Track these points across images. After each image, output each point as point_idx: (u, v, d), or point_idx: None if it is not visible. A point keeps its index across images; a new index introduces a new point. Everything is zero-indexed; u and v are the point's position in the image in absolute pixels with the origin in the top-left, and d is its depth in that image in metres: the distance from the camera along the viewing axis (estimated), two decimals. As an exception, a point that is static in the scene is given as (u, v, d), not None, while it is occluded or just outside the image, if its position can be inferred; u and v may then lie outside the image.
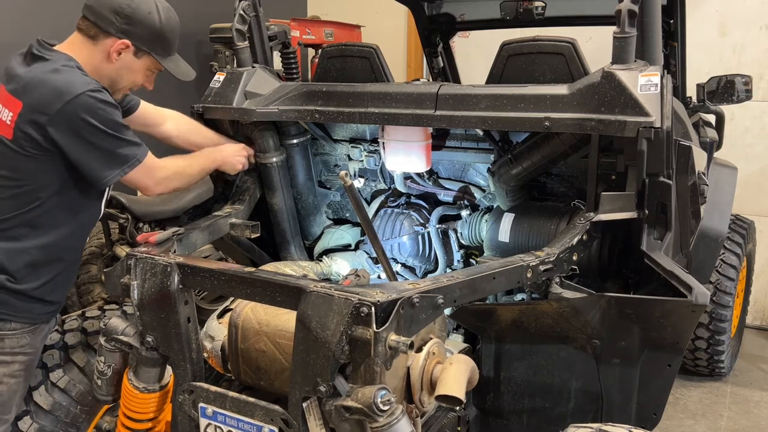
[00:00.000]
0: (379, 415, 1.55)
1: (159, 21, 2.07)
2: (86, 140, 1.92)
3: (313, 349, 1.60)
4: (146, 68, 2.15)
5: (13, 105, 1.92)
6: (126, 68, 2.09)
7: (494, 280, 1.85)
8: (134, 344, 1.93)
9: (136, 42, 2.05)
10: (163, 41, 2.11)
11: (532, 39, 2.33)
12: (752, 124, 4.77)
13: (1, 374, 1.98)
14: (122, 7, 2.02)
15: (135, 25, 2.03)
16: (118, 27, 2.02)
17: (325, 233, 3.01)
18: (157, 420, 2.04)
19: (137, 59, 2.09)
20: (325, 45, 3.81)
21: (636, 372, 2.11)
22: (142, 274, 1.90)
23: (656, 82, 1.99)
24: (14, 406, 2.06)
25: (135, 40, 2.05)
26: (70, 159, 1.95)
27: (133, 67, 2.10)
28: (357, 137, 2.86)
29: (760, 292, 4.88)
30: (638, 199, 2.06)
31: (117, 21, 2.01)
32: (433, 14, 4.14)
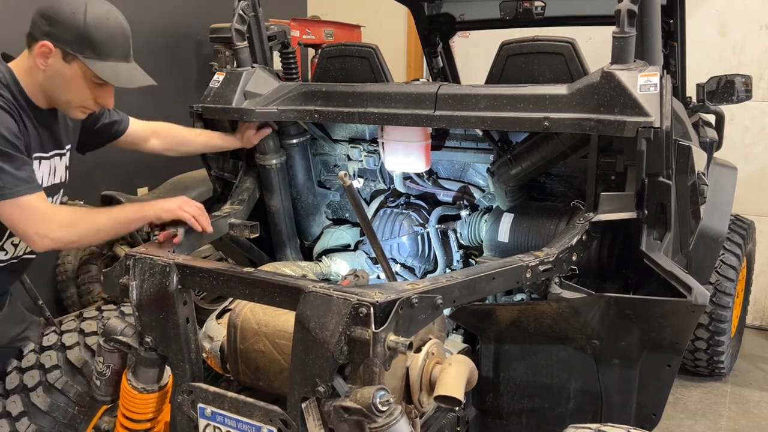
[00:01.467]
0: (378, 416, 1.54)
1: (83, 20, 1.93)
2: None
3: (312, 349, 1.60)
4: (82, 76, 1.99)
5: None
6: (58, 75, 1.97)
7: (493, 281, 1.85)
8: (133, 344, 1.93)
9: (59, 44, 1.93)
10: (91, 42, 1.94)
11: (532, 39, 2.33)
12: (752, 124, 4.77)
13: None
14: (45, 9, 1.94)
15: (56, 25, 1.93)
16: (42, 30, 1.94)
17: (325, 233, 3.01)
18: (156, 420, 2.04)
19: (67, 64, 1.96)
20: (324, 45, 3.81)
21: (635, 372, 2.10)
22: (140, 274, 1.90)
23: (656, 82, 1.99)
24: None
25: (58, 42, 1.93)
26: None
27: (65, 73, 1.97)
28: (356, 137, 2.86)
29: (760, 292, 4.88)
30: (638, 199, 2.06)
31: (41, 23, 1.94)
32: (432, 14, 4.14)
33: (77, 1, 1.95)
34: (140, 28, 4.74)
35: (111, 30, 2.00)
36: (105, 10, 2.01)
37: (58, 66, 1.97)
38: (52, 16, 1.93)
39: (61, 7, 1.94)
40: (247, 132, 2.66)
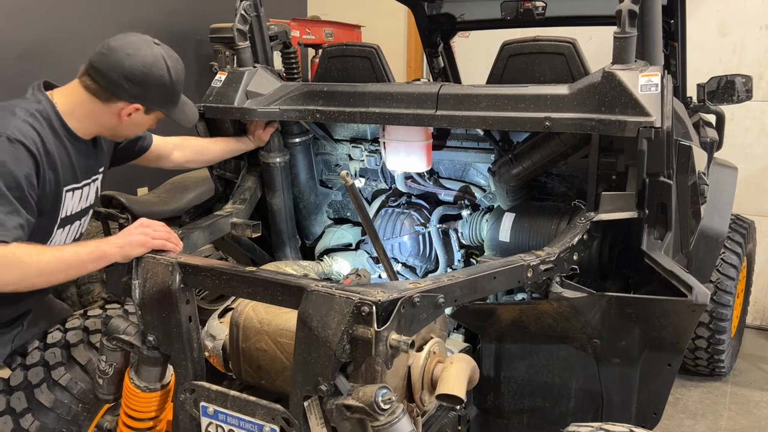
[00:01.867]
0: (380, 414, 1.55)
1: (170, 80, 2.04)
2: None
3: (314, 348, 1.60)
4: (154, 119, 2.17)
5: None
6: (135, 124, 2.11)
7: (495, 280, 1.85)
8: (136, 343, 1.94)
9: (148, 104, 2.06)
10: (174, 96, 2.10)
11: (533, 39, 2.33)
12: (752, 124, 4.78)
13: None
14: (134, 74, 1.96)
15: (147, 89, 2.00)
16: (131, 93, 1.99)
17: (326, 233, 3.02)
18: (158, 419, 2.04)
19: (147, 116, 2.11)
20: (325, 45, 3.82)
21: (636, 372, 2.11)
22: (143, 273, 1.90)
23: (656, 82, 1.99)
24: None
25: (147, 103, 2.05)
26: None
27: (143, 122, 2.13)
28: (358, 137, 2.87)
29: (760, 292, 4.88)
30: (638, 198, 2.06)
31: (129, 87, 1.98)
32: (433, 14, 4.14)
33: (156, 59, 1.99)
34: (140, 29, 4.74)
35: (182, 77, 2.11)
36: (175, 58, 2.08)
37: (138, 118, 2.08)
38: (142, 82, 1.97)
39: (149, 70, 1.97)
40: (257, 131, 2.68)
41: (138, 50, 1.99)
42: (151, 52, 2.00)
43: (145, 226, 1.96)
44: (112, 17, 4.38)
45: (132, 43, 2.00)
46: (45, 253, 1.84)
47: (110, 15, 4.37)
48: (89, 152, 2.18)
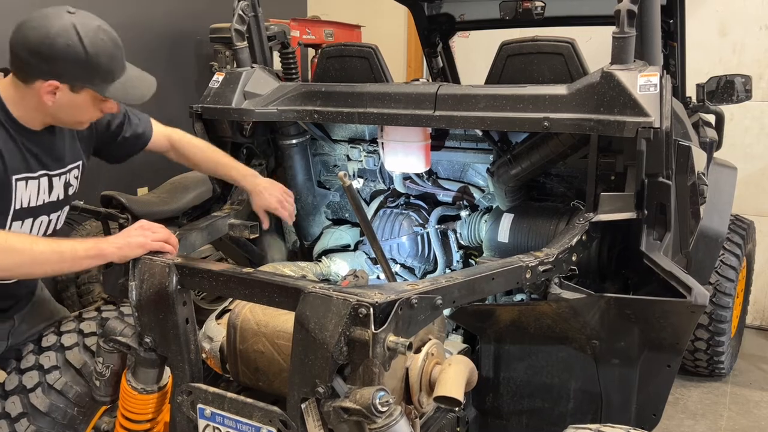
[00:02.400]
0: (378, 416, 1.54)
1: (84, 50, 1.80)
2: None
3: (311, 350, 1.59)
4: (92, 99, 1.90)
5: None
6: (67, 105, 1.88)
7: (493, 281, 1.85)
8: (132, 345, 1.93)
9: (65, 79, 1.82)
10: (98, 69, 1.84)
11: (532, 39, 2.33)
12: (752, 124, 4.77)
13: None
14: (38, 48, 1.77)
15: (57, 62, 1.78)
16: (40, 68, 1.79)
17: (324, 233, 3.01)
18: (155, 421, 2.04)
19: (76, 94, 1.86)
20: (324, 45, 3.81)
21: (635, 372, 2.10)
22: (140, 274, 1.90)
23: (655, 83, 1.99)
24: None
25: (64, 78, 1.81)
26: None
27: (76, 102, 1.88)
28: (356, 137, 2.86)
29: (760, 292, 4.88)
30: (637, 199, 2.06)
31: (37, 63, 1.78)
32: (432, 14, 4.14)
33: (63, 29, 1.78)
34: (140, 29, 4.75)
35: (109, 49, 1.88)
36: (95, 27, 1.85)
37: (66, 98, 1.86)
38: (47, 55, 1.77)
39: (52, 41, 1.77)
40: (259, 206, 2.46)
41: (43, 21, 1.79)
42: (58, 22, 1.79)
43: (145, 229, 1.93)
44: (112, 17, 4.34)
45: (39, 15, 1.82)
46: (38, 242, 1.81)
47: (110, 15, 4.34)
48: (45, 142, 2.01)
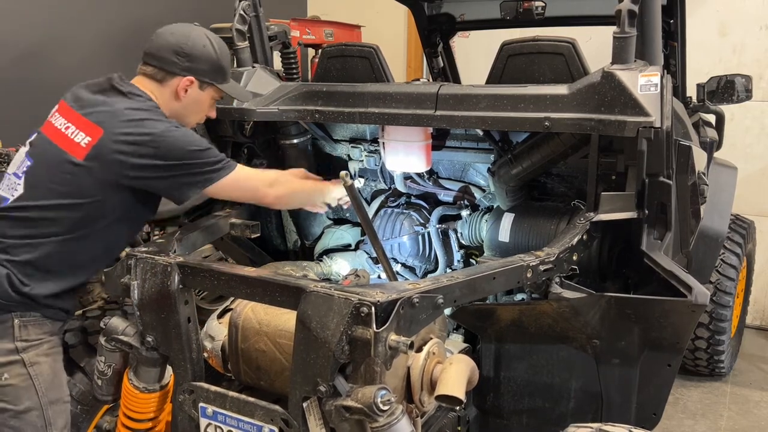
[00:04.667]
0: (379, 415, 1.55)
1: (215, 51, 2.20)
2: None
3: (313, 349, 1.60)
4: (210, 98, 2.27)
5: (93, 131, 2.00)
6: (193, 102, 2.22)
7: (494, 280, 1.85)
8: (134, 344, 1.94)
9: (199, 76, 2.17)
10: (222, 69, 2.23)
11: (532, 39, 2.33)
12: (752, 124, 4.77)
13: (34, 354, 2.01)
14: (181, 47, 2.14)
15: (195, 60, 2.16)
16: (181, 65, 2.14)
17: (326, 233, 3.01)
18: (157, 420, 2.04)
19: (202, 91, 2.22)
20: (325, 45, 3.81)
21: (636, 372, 2.11)
22: (142, 274, 1.90)
23: (656, 82, 1.99)
24: (64, 386, 2.10)
25: (198, 75, 2.17)
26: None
27: (200, 99, 2.23)
28: (357, 137, 2.86)
29: (760, 292, 4.88)
30: (638, 199, 2.06)
31: (179, 60, 2.14)
32: (433, 14, 4.14)
33: (199, 35, 2.19)
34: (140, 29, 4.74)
35: (228, 55, 2.28)
36: (217, 36, 2.26)
37: (194, 94, 2.20)
38: (189, 53, 2.14)
39: (194, 43, 2.16)
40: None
41: (181, 29, 2.19)
42: (192, 29, 2.21)
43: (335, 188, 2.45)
44: (112, 17, 4.37)
45: (174, 26, 2.21)
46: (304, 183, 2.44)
47: (110, 15, 4.37)
48: None
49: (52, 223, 2.00)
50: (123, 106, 2.04)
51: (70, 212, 2.00)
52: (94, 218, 2.03)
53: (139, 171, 2.00)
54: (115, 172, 1.99)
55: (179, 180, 2.05)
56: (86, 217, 2.01)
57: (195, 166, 2.05)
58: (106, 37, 4.38)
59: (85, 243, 2.04)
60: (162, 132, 2.02)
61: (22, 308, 1.98)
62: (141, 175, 2.01)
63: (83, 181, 1.99)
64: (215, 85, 2.23)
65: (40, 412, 2.00)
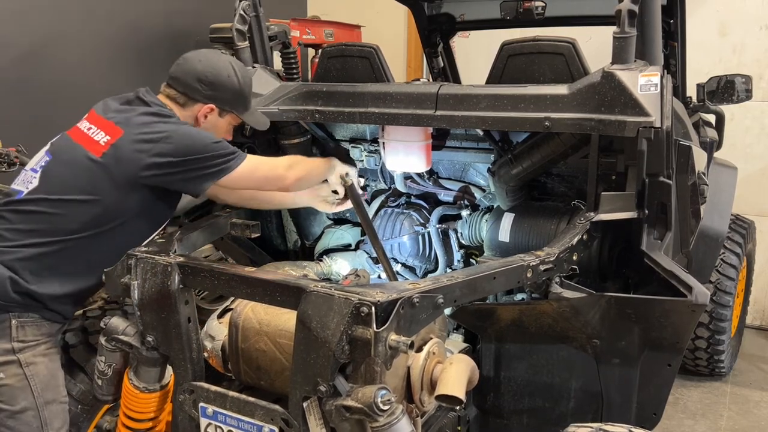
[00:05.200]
0: (380, 415, 1.55)
1: (238, 82, 2.25)
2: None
3: (313, 348, 1.60)
4: (228, 123, 2.34)
5: (113, 131, 2.06)
6: (212, 127, 2.27)
7: (494, 280, 1.85)
8: (135, 344, 1.94)
9: (220, 104, 2.25)
10: (244, 99, 2.30)
11: (532, 39, 2.33)
12: (752, 124, 4.77)
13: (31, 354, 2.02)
14: (206, 75, 2.20)
15: (218, 89, 2.22)
16: (204, 93, 2.21)
17: (326, 233, 3.01)
18: (157, 420, 2.04)
19: (221, 118, 2.29)
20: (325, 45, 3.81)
21: (636, 372, 2.11)
22: (142, 273, 1.90)
23: (656, 82, 1.99)
24: (61, 386, 2.11)
25: (219, 103, 2.24)
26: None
27: (218, 125, 2.30)
28: (357, 137, 2.86)
29: (760, 292, 4.88)
30: (638, 199, 2.06)
31: (202, 88, 2.20)
32: (433, 14, 4.14)
33: (224, 64, 2.25)
34: (140, 29, 4.76)
35: (251, 84, 2.35)
36: (242, 66, 2.34)
37: (213, 120, 2.28)
38: (213, 82, 2.21)
39: (218, 72, 2.22)
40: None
41: (208, 57, 2.25)
42: (219, 58, 2.27)
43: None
44: (112, 17, 4.37)
45: (203, 53, 2.27)
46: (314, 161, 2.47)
47: (110, 15, 4.37)
48: None
49: (64, 219, 2.00)
50: (144, 110, 2.12)
51: (84, 209, 2.01)
52: (108, 218, 2.04)
53: (156, 169, 2.03)
54: (131, 171, 2.02)
55: (196, 173, 2.09)
56: (99, 216, 2.03)
57: (210, 158, 2.09)
58: (106, 37, 4.38)
59: (96, 243, 2.04)
60: (176, 129, 2.08)
61: (20, 309, 1.99)
62: (158, 172, 2.04)
63: (99, 179, 2.02)
64: (235, 113, 2.30)
65: (36, 412, 2.01)
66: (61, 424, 2.08)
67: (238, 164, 2.13)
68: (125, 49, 4.46)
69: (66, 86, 4.10)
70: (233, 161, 2.13)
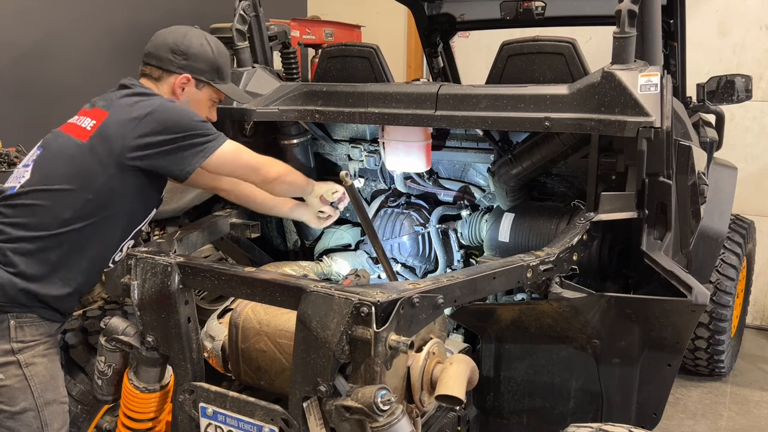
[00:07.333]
0: (380, 415, 1.55)
1: (212, 51, 2.23)
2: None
3: (313, 348, 1.60)
4: (208, 98, 2.29)
5: (99, 115, 2.06)
6: (191, 101, 2.23)
7: (494, 280, 1.85)
8: (135, 344, 1.94)
9: (195, 74, 2.21)
10: (219, 69, 2.26)
11: (532, 39, 2.33)
12: (752, 124, 4.78)
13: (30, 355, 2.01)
14: (177, 45, 2.19)
15: (191, 58, 2.19)
16: (178, 63, 2.19)
17: (326, 233, 3.01)
18: (157, 420, 2.04)
19: (199, 90, 2.24)
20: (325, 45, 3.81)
21: (636, 372, 2.11)
22: (142, 273, 1.90)
23: (656, 82, 1.99)
24: (61, 387, 2.10)
25: (194, 73, 2.20)
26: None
27: (197, 98, 2.25)
28: (357, 137, 2.86)
29: (760, 292, 4.88)
30: (638, 199, 2.06)
31: (175, 58, 2.18)
32: (433, 14, 4.14)
33: (196, 34, 2.24)
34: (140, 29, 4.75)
35: (226, 55, 2.31)
36: (214, 38, 2.29)
37: (192, 93, 2.23)
38: (185, 51, 2.19)
39: (191, 41, 2.20)
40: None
41: (180, 30, 2.24)
42: (191, 30, 2.25)
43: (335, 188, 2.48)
44: (112, 17, 4.38)
45: (174, 27, 2.26)
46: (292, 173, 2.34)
47: (110, 15, 4.37)
48: None
49: (58, 209, 1.99)
50: (126, 92, 2.11)
51: (75, 197, 2.00)
52: (99, 205, 2.02)
53: (141, 150, 2.00)
54: (118, 150, 2.00)
55: (181, 152, 2.05)
56: (91, 204, 2.01)
57: (194, 136, 2.05)
58: (106, 37, 4.39)
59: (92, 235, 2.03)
60: (160, 105, 2.05)
61: (18, 309, 1.98)
62: (143, 153, 2.01)
63: (87, 164, 2.01)
64: (212, 84, 2.24)
65: (36, 413, 2.00)
66: (61, 424, 2.08)
67: (221, 144, 2.09)
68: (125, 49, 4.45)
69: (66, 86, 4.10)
70: (216, 141, 2.09)
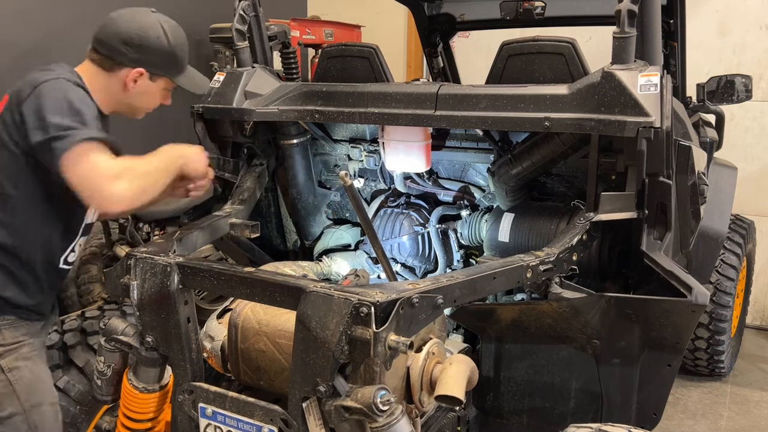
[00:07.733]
0: (379, 415, 1.55)
1: (168, 43, 2.07)
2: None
3: (312, 349, 1.60)
4: (162, 89, 2.16)
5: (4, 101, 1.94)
6: (143, 93, 2.11)
7: (494, 280, 1.85)
8: (134, 344, 1.93)
9: (150, 68, 2.06)
10: (175, 61, 2.12)
11: (532, 39, 2.33)
12: (752, 124, 4.77)
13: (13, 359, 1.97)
14: (131, 37, 2.02)
15: (146, 52, 2.04)
16: (131, 57, 2.03)
17: (325, 233, 3.02)
18: (156, 420, 2.04)
19: (153, 83, 2.11)
20: (325, 45, 3.81)
21: (636, 372, 2.11)
22: (141, 274, 1.90)
23: (656, 82, 1.99)
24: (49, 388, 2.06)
25: (149, 67, 2.06)
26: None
27: (150, 90, 2.12)
28: (357, 137, 2.86)
29: (760, 292, 4.88)
30: (638, 199, 2.06)
31: (128, 51, 2.02)
32: (433, 14, 4.14)
33: (152, 24, 2.06)
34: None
35: (184, 44, 2.15)
36: (174, 25, 2.13)
37: (144, 86, 2.08)
38: (139, 45, 2.02)
39: (145, 33, 2.03)
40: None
41: (134, 16, 2.06)
42: (147, 17, 2.07)
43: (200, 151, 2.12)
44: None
45: (129, 12, 2.08)
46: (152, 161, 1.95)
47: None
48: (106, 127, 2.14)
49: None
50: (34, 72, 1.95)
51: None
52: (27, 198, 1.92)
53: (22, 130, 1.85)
54: (9, 133, 1.88)
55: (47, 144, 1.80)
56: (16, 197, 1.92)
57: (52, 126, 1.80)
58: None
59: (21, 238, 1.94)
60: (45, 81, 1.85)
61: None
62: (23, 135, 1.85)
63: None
64: (167, 77, 2.12)
65: (24, 417, 1.96)
66: (52, 426, 2.03)
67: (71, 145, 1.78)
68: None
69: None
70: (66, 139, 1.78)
